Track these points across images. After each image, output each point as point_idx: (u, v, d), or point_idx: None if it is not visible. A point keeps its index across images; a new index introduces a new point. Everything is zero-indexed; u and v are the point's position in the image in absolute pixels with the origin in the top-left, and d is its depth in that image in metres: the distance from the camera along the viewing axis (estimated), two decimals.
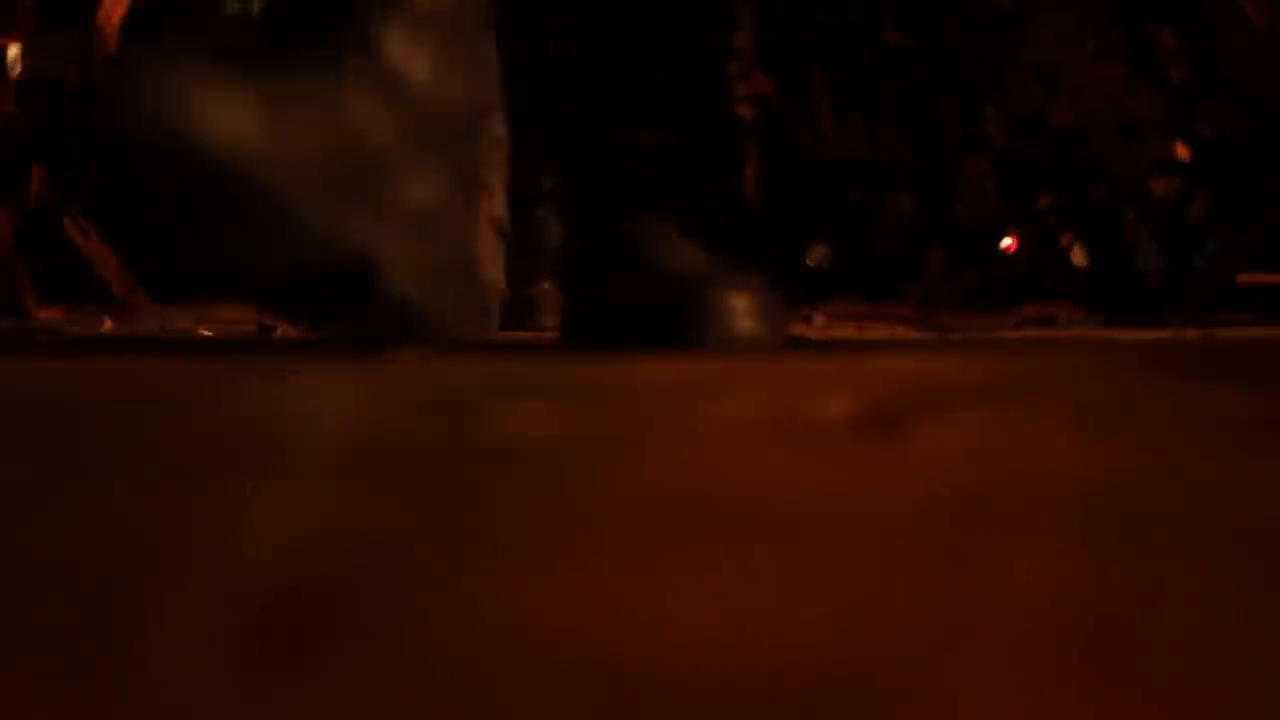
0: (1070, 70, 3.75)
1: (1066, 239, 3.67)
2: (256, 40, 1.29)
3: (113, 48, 2.88)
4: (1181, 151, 3.64)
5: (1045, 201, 3.73)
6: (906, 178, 3.83)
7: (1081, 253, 3.66)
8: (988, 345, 2.24)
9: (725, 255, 1.80)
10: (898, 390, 1.30)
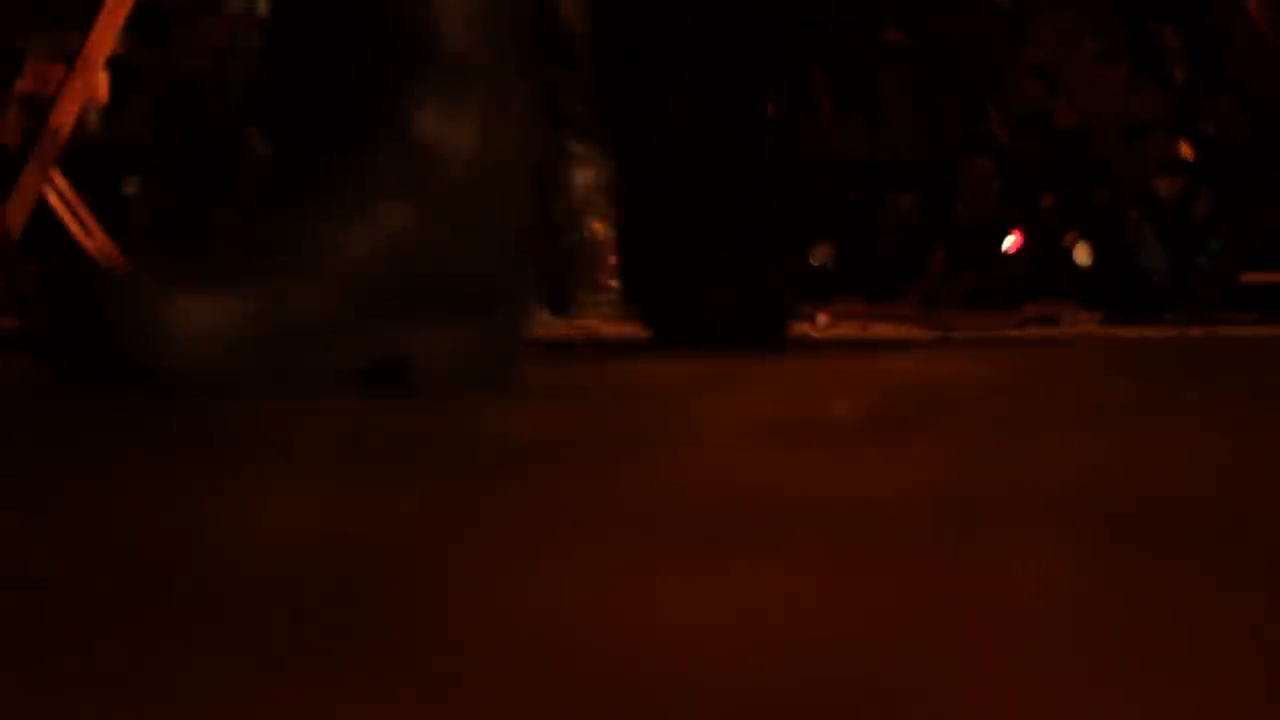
0: (1073, 70, 3.75)
1: (1069, 238, 3.67)
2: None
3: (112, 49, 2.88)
4: (1185, 151, 3.64)
5: (1048, 201, 3.73)
6: (909, 177, 3.83)
7: (1085, 252, 3.66)
8: (990, 344, 2.24)
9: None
10: (900, 389, 1.30)
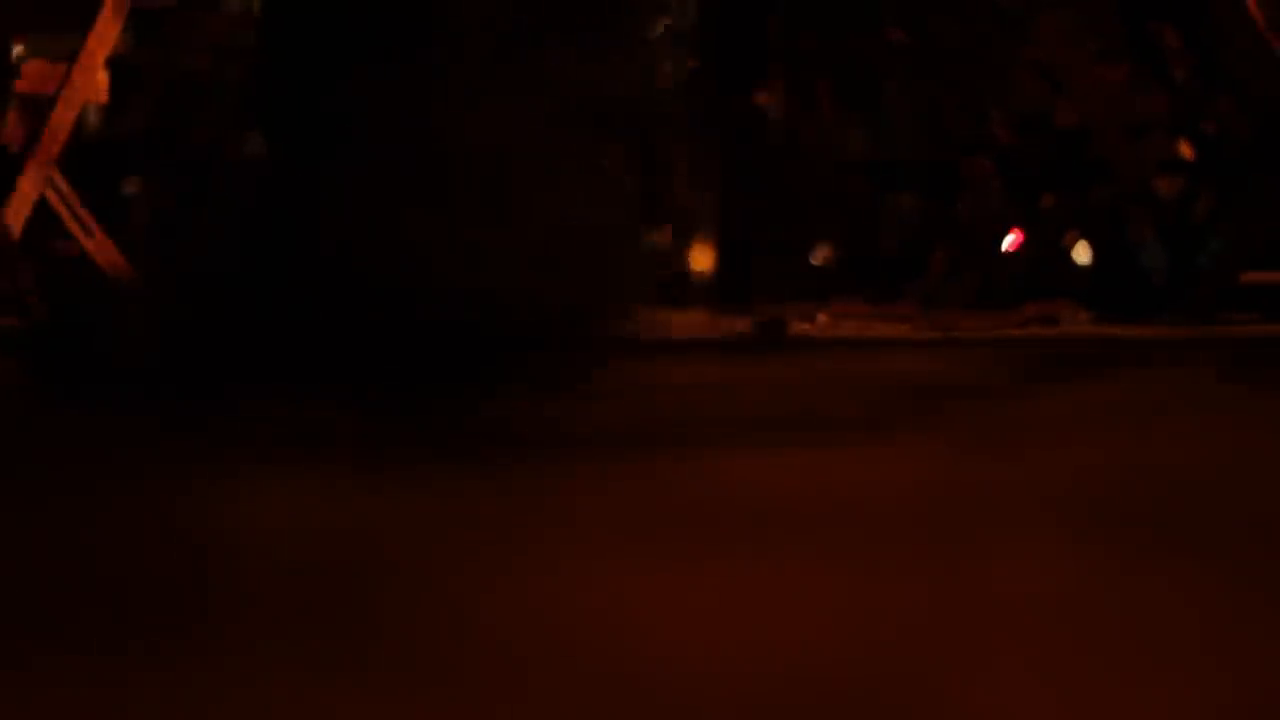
0: (1074, 70, 3.75)
1: (1069, 238, 3.67)
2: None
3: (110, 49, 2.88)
4: (1185, 150, 3.64)
5: (1048, 201, 3.73)
6: (910, 177, 3.83)
7: (1085, 252, 3.66)
8: (990, 344, 2.24)
9: None
10: (900, 389, 1.31)
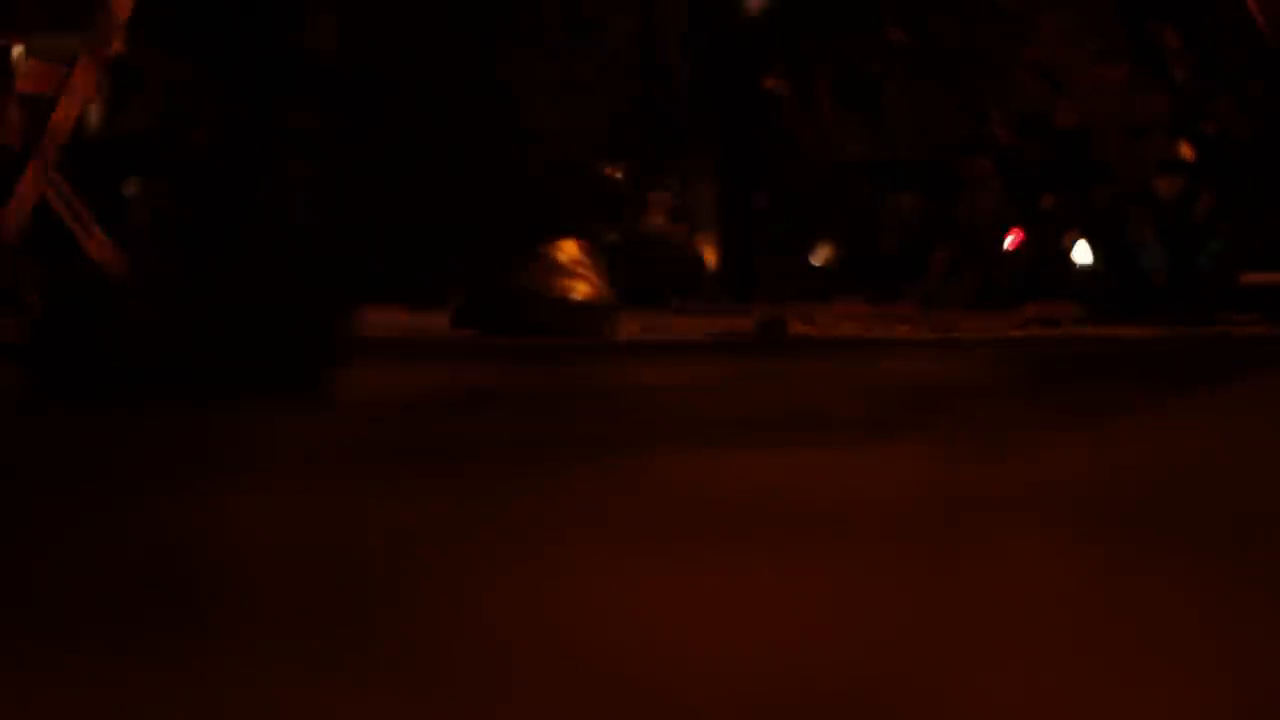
0: (1074, 70, 3.75)
1: (1069, 238, 3.67)
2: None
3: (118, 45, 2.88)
4: (1186, 151, 3.64)
5: (1048, 201, 3.73)
6: (910, 177, 3.83)
7: (1085, 252, 3.67)
8: (990, 345, 2.24)
9: None
10: (900, 389, 1.30)
